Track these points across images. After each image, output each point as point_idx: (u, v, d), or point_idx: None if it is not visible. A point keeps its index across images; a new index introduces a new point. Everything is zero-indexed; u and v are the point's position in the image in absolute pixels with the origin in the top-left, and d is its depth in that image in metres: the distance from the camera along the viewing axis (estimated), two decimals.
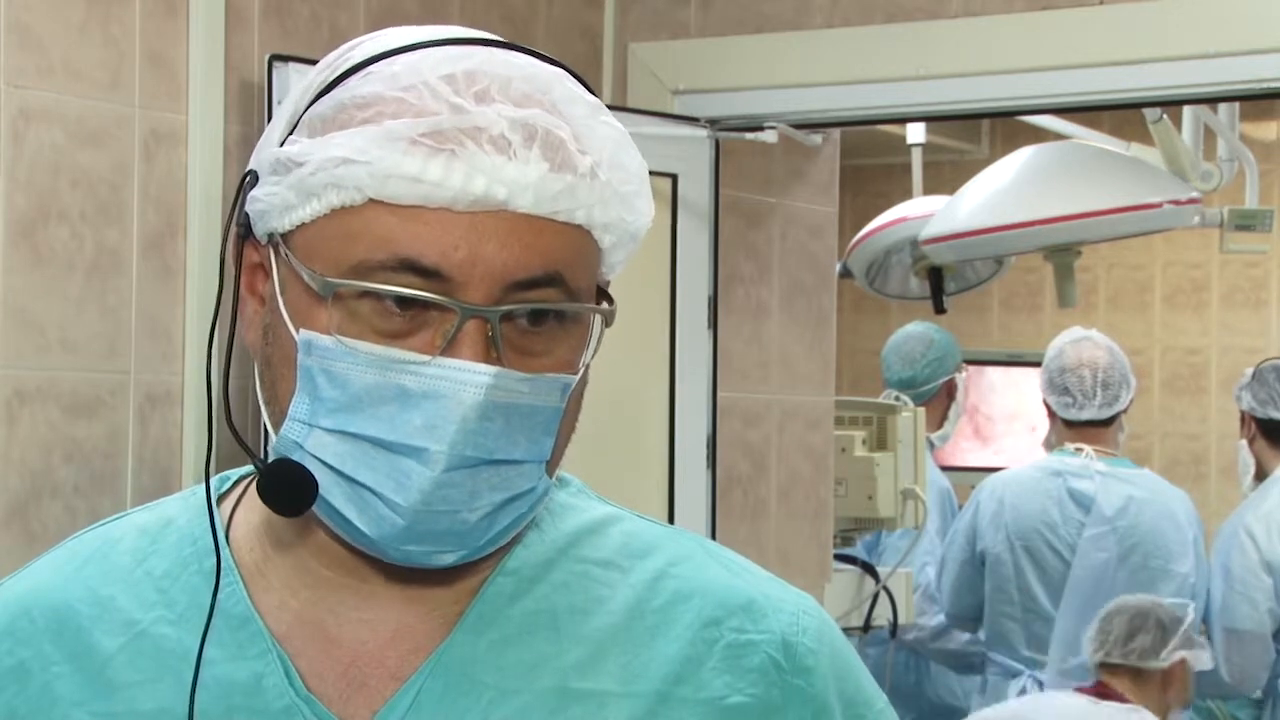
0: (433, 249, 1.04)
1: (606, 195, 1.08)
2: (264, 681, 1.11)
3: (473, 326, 1.04)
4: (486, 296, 1.04)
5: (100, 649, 1.13)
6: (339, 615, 1.12)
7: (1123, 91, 3.02)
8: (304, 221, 1.07)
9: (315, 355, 1.06)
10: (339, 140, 1.05)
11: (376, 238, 1.04)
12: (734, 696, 1.13)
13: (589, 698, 1.11)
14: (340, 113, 1.07)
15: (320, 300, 1.05)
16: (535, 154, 1.05)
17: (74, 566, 1.17)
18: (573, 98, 1.09)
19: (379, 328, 1.05)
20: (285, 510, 1.08)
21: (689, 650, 1.14)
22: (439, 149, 1.03)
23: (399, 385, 1.04)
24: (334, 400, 1.05)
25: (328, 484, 1.06)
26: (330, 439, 1.06)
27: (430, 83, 1.05)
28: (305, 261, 1.06)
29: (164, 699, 1.11)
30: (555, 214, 1.06)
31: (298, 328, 1.07)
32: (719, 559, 1.20)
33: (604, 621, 1.14)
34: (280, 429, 1.08)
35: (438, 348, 1.04)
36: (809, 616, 1.18)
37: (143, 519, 1.19)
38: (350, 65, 1.09)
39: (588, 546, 1.17)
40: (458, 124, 1.04)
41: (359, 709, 1.11)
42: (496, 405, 1.05)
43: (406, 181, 1.04)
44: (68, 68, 2.46)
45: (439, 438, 1.04)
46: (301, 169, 1.06)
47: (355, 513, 1.06)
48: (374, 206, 1.04)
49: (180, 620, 1.13)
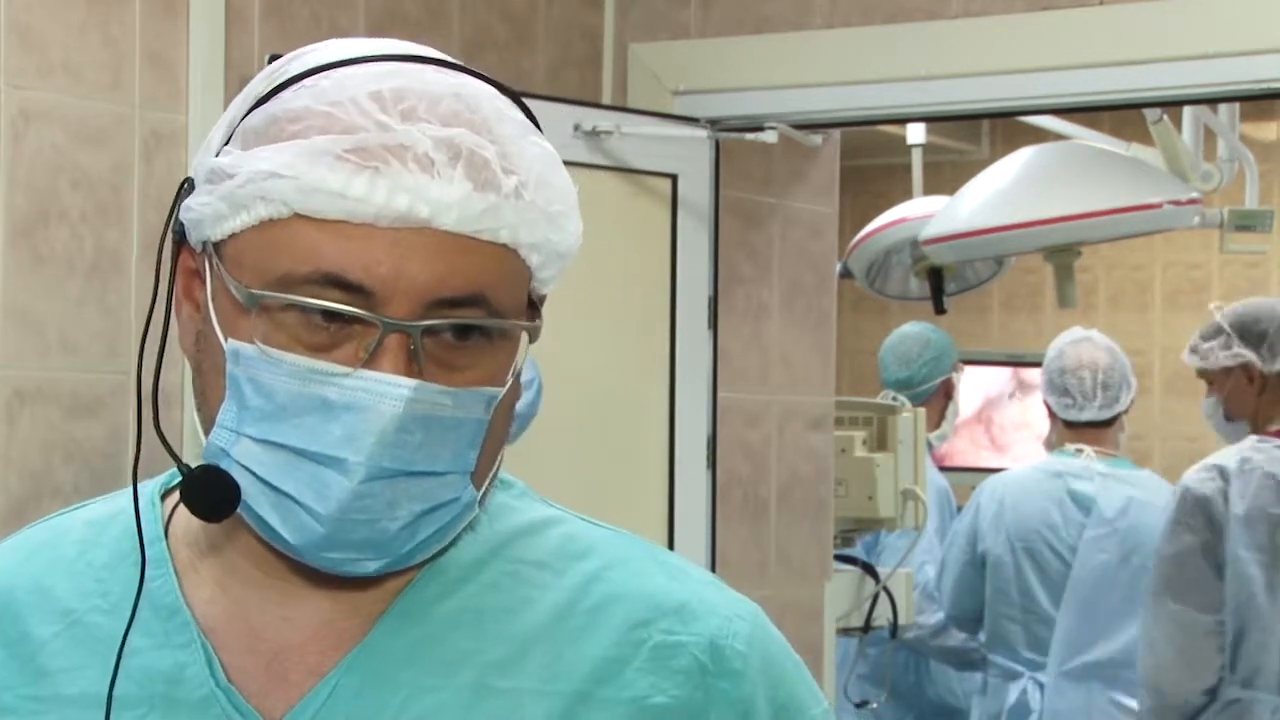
0: (356, 264, 1.05)
1: (532, 215, 1.09)
2: (186, 671, 1.13)
3: (394, 340, 1.06)
4: (409, 312, 1.06)
5: (34, 636, 1.16)
6: (265, 612, 1.14)
7: (1123, 92, 3.02)
8: (234, 232, 1.09)
9: (242, 364, 1.08)
10: (266, 154, 1.07)
11: (301, 251, 1.06)
12: (657, 697, 1.14)
13: (506, 695, 1.12)
14: (271, 125, 1.09)
15: (246, 310, 1.07)
16: (459, 173, 1.06)
17: (22, 555, 1.20)
18: (501, 116, 1.10)
19: (303, 339, 1.07)
20: (207, 516, 1.10)
21: (614, 651, 1.14)
22: (363, 166, 1.05)
23: (321, 396, 1.06)
24: (259, 409, 1.07)
25: (253, 491, 1.08)
26: (255, 447, 1.08)
27: (357, 99, 1.07)
28: (233, 271, 1.08)
29: (88, 684, 1.13)
30: (479, 233, 1.07)
31: (226, 336, 1.09)
32: (661, 564, 1.20)
33: (530, 621, 1.15)
34: (209, 435, 1.10)
35: (360, 360, 1.06)
36: (742, 621, 1.18)
37: (92, 511, 1.23)
38: (286, 78, 1.10)
39: (523, 547, 1.18)
40: (383, 141, 1.05)
41: (276, 702, 1.13)
42: (416, 417, 1.06)
43: (330, 197, 1.05)
44: (68, 68, 2.46)
45: (357, 449, 1.06)
46: (232, 180, 1.08)
47: (279, 520, 1.08)
48: (299, 220, 1.06)
49: (113, 610, 1.15)
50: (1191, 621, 3.56)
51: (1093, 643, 4.27)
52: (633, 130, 3.03)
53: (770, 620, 1.22)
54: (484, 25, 3.04)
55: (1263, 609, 3.50)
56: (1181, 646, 3.57)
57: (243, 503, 1.09)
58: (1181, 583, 3.57)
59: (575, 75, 3.21)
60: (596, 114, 3.03)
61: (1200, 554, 3.56)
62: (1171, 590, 3.58)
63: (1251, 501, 3.54)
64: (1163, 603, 3.60)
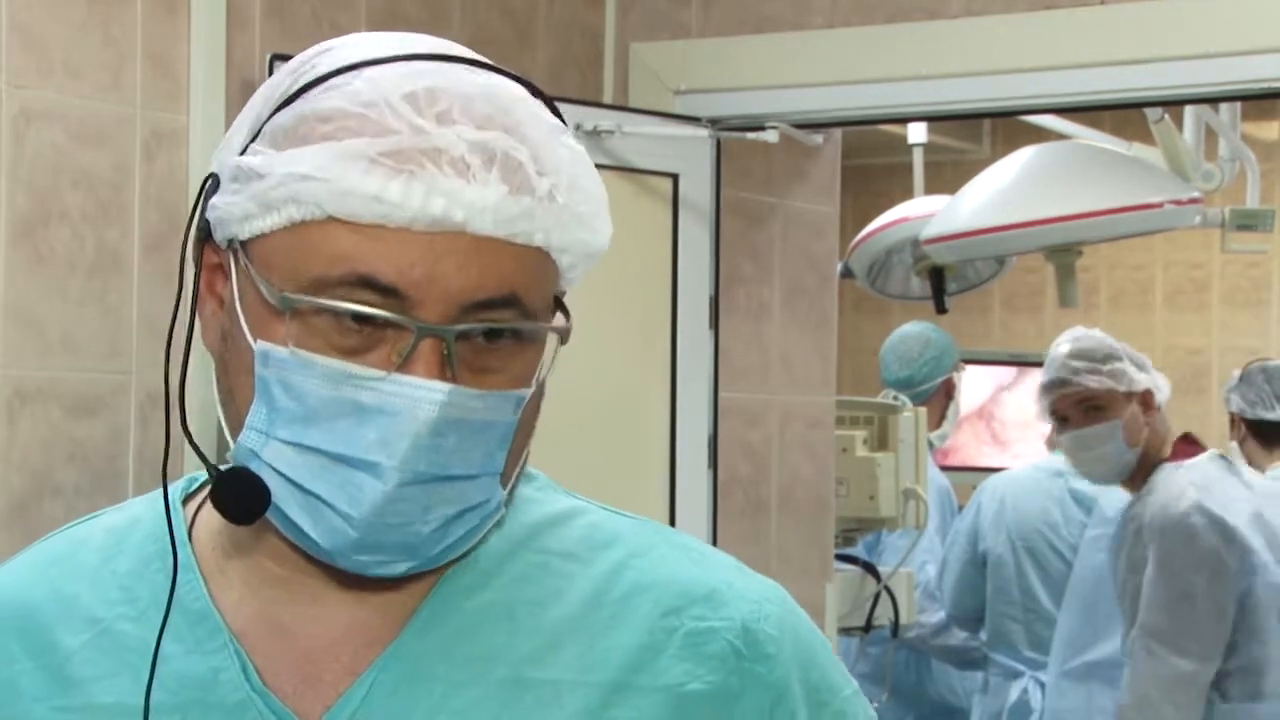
0: (390, 267, 1.05)
1: (564, 217, 1.09)
2: (220, 676, 1.12)
3: (428, 345, 1.05)
4: (442, 315, 1.05)
5: (62, 646, 1.15)
6: (295, 613, 1.14)
7: (1124, 91, 3.02)
8: (263, 232, 1.08)
9: (272, 366, 1.07)
10: (299, 156, 1.06)
11: (335, 254, 1.05)
12: (692, 683, 1.14)
13: (543, 687, 1.12)
14: (301, 125, 1.07)
15: (278, 313, 1.06)
16: (494, 176, 1.06)
17: (43, 566, 1.19)
18: (534, 119, 1.10)
19: (336, 343, 1.06)
20: (237, 518, 1.09)
21: (647, 639, 1.14)
22: (399, 169, 1.04)
23: (354, 400, 1.05)
24: (290, 412, 1.07)
25: (283, 493, 1.08)
26: (287, 450, 1.07)
27: (391, 101, 1.06)
28: (263, 272, 1.07)
29: (122, 693, 1.12)
30: (513, 236, 1.07)
31: (255, 337, 1.08)
32: (685, 550, 1.20)
33: (561, 612, 1.14)
34: (238, 435, 1.09)
35: (393, 364, 1.05)
36: (771, 604, 1.19)
37: (111, 519, 1.21)
38: (314, 76, 1.09)
39: (548, 539, 1.18)
40: (418, 145, 1.05)
41: (313, 704, 1.12)
42: (449, 421, 1.06)
43: (365, 200, 1.04)
44: (68, 68, 2.46)
45: (392, 453, 1.05)
46: (262, 181, 1.07)
47: (309, 523, 1.08)
48: (333, 223, 1.05)
49: (141, 617, 1.15)
50: (1191, 676, 3.54)
51: (1094, 642, 4.26)
52: (634, 130, 3.02)
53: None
54: (485, 24, 3.04)
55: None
56: (1180, 703, 3.55)
57: (272, 505, 1.08)
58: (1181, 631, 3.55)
59: (576, 75, 3.21)
60: (597, 113, 3.04)
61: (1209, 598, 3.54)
62: (1170, 640, 3.54)
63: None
64: (1162, 658, 3.54)
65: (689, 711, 1.13)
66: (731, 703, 1.14)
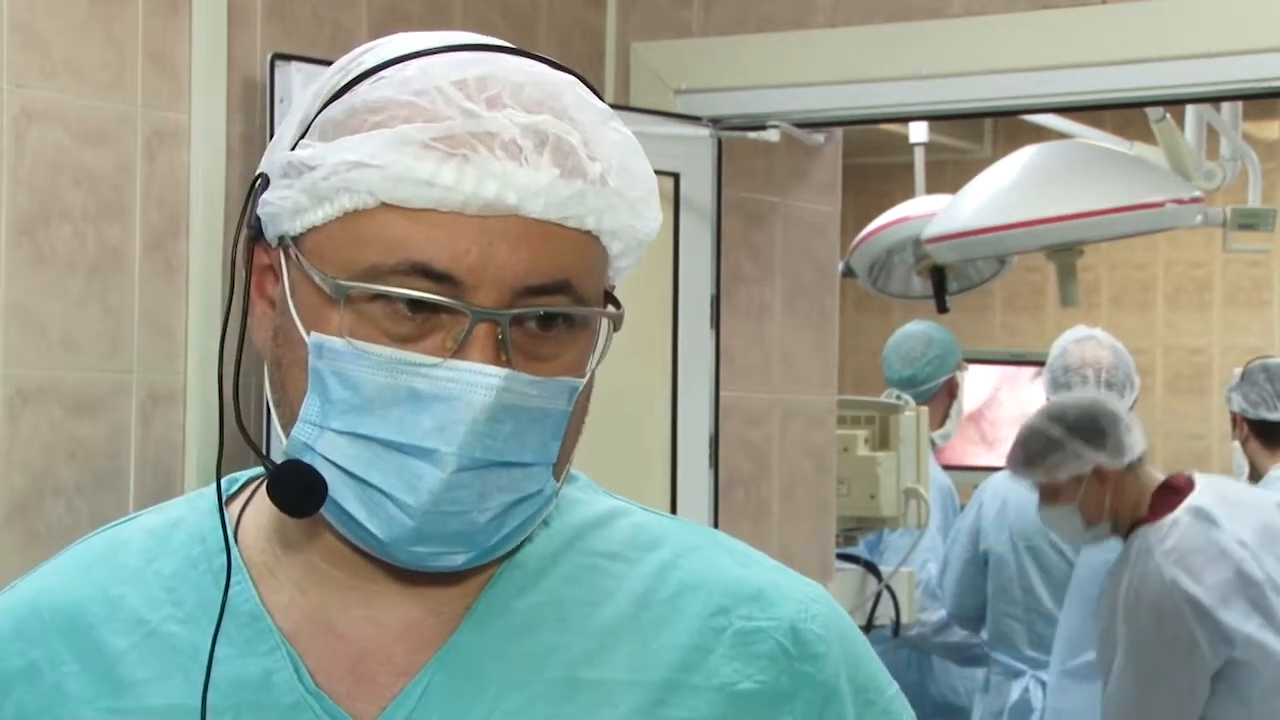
0: (444, 253, 1.05)
1: (615, 201, 1.09)
2: (273, 678, 1.12)
3: (483, 330, 1.05)
4: (497, 300, 1.05)
5: (110, 647, 1.14)
6: (347, 613, 1.13)
7: (1125, 90, 3.02)
8: (315, 224, 1.08)
9: (326, 357, 1.07)
10: (351, 144, 1.06)
11: (388, 241, 1.05)
12: (744, 683, 1.14)
13: (597, 687, 1.12)
14: (352, 117, 1.08)
15: (331, 302, 1.06)
16: (546, 160, 1.06)
17: (83, 568, 1.18)
18: (583, 104, 1.10)
19: (390, 330, 1.06)
20: (294, 511, 1.09)
21: (697, 639, 1.14)
22: (451, 154, 1.05)
23: (410, 387, 1.05)
24: (345, 402, 1.06)
25: (338, 485, 1.07)
26: (341, 440, 1.07)
27: (442, 87, 1.06)
28: (317, 264, 1.07)
29: (173, 695, 1.12)
30: (565, 220, 1.07)
31: (308, 330, 1.08)
32: (728, 550, 1.21)
33: (611, 613, 1.14)
34: (291, 430, 1.09)
35: (448, 350, 1.05)
36: (818, 604, 1.19)
37: (151, 521, 1.21)
38: (362, 70, 1.10)
39: (595, 539, 1.18)
40: (470, 129, 1.05)
41: (367, 705, 1.12)
42: (505, 407, 1.05)
43: (418, 185, 1.05)
44: (70, 67, 2.46)
45: (449, 439, 1.05)
46: (314, 173, 1.07)
47: (365, 514, 1.07)
48: (386, 210, 1.05)
49: (189, 619, 1.14)
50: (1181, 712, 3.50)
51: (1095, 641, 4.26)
52: (634, 129, 3.00)
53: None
54: (486, 23, 3.04)
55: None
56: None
57: (328, 499, 1.07)
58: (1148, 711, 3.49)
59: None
60: None
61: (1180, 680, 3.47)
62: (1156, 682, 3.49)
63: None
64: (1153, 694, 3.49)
65: (742, 710, 1.13)
66: (783, 702, 1.14)
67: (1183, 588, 3.45)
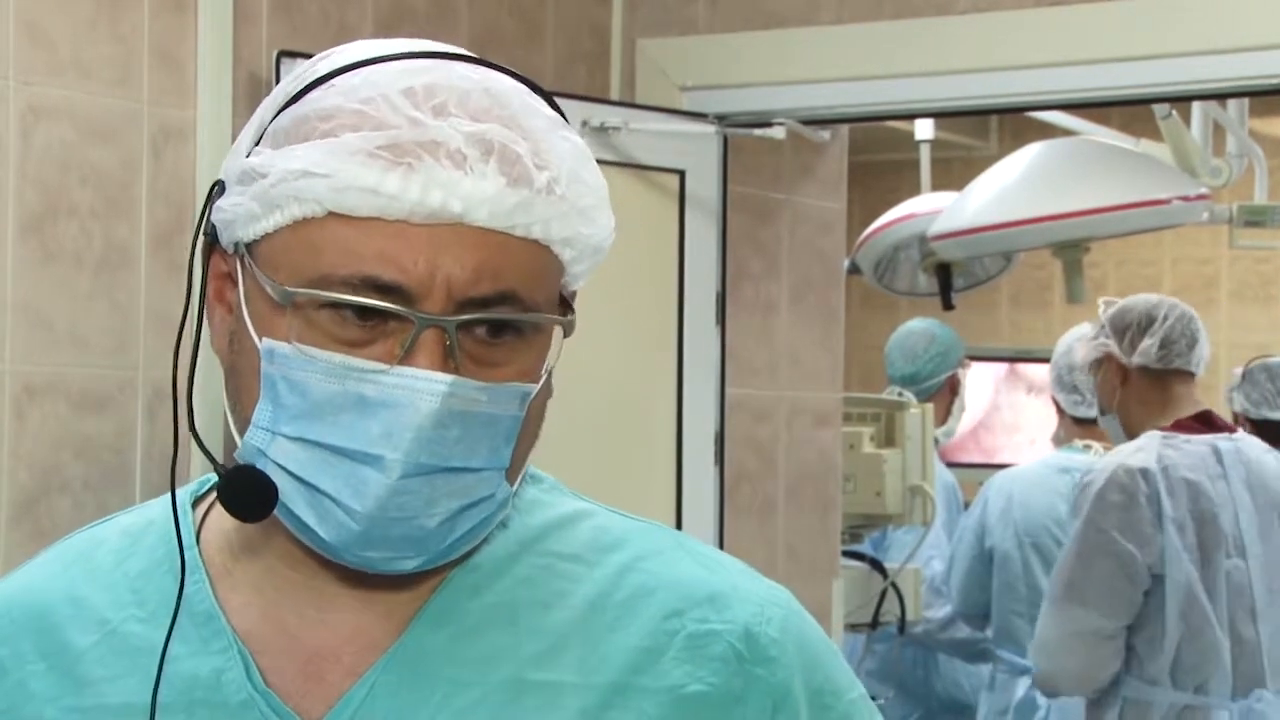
0: (391, 264, 1.05)
1: (564, 209, 1.09)
2: (224, 676, 1.13)
3: (430, 336, 1.06)
4: (444, 308, 1.06)
5: (73, 646, 1.16)
6: (301, 615, 1.14)
7: (1131, 87, 3.02)
8: (267, 232, 1.08)
9: (277, 363, 1.08)
10: (299, 152, 1.06)
11: (337, 250, 1.06)
12: (693, 685, 1.14)
13: (544, 689, 1.12)
14: (302, 125, 1.08)
15: (280, 309, 1.07)
16: (492, 168, 1.06)
17: (59, 567, 1.20)
18: (532, 111, 1.10)
19: (339, 336, 1.07)
20: (244, 516, 1.10)
21: (649, 641, 1.15)
22: (396, 162, 1.05)
23: (358, 394, 1.06)
24: (295, 407, 1.07)
25: (289, 490, 1.08)
26: (292, 446, 1.08)
27: (389, 96, 1.07)
28: (268, 271, 1.08)
29: (130, 693, 1.13)
30: (512, 228, 1.07)
31: (260, 336, 1.08)
32: (693, 554, 1.21)
33: (564, 615, 1.15)
34: (244, 435, 1.10)
35: (396, 357, 1.06)
36: (776, 607, 1.19)
37: (127, 521, 1.22)
38: (315, 78, 1.10)
39: (554, 541, 1.18)
40: (415, 137, 1.05)
41: (315, 704, 1.13)
42: (453, 413, 1.06)
43: (364, 193, 1.05)
44: (77, 64, 2.46)
45: (395, 445, 1.05)
46: (264, 180, 1.07)
47: (315, 519, 1.08)
48: (334, 219, 1.06)
49: (150, 618, 1.15)
50: (1095, 628, 3.47)
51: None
52: (641, 126, 3.02)
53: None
54: (492, 21, 3.04)
55: (1208, 612, 3.44)
56: (1082, 657, 3.49)
57: (279, 503, 1.08)
58: (1088, 585, 3.47)
59: (583, 71, 3.22)
60: (604, 110, 3.04)
61: (1115, 557, 3.45)
62: (1075, 594, 3.47)
63: (1181, 504, 3.45)
64: (1064, 607, 3.48)
65: (690, 713, 1.13)
66: (733, 705, 1.14)
67: (1132, 465, 3.44)
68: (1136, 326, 3.63)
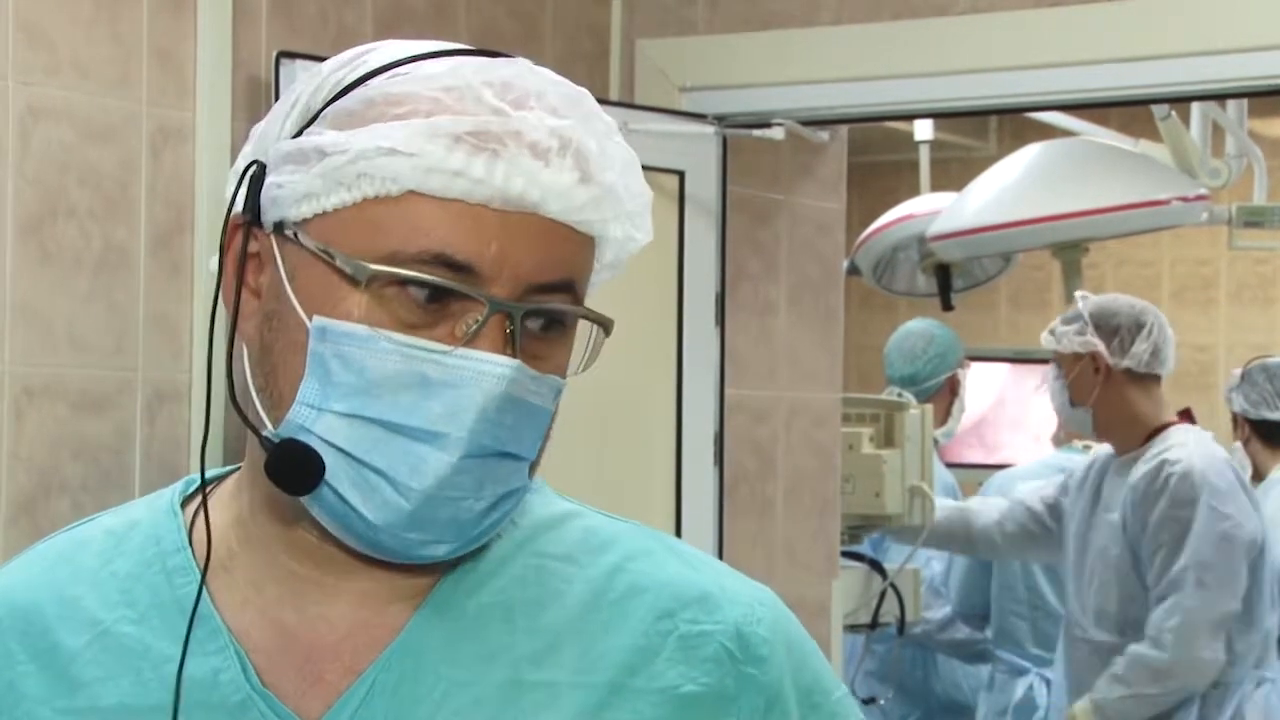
0: (467, 244, 1.07)
1: (619, 212, 1.13)
2: (220, 676, 1.13)
3: (495, 322, 1.07)
4: (511, 293, 1.08)
5: (64, 647, 1.16)
6: (300, 611, 1.14)
7: (1130, 88, 3.01)
8: (323, 211, 1.09)
9: (329, 341, 1.08)
10: (382, 131, 1.07)
11: (411, 229, 1.07)
12: (687, 686, 1.15)
13: (542, 688, 1.13)
14: (369, 109, 1.09)
15: (349, 286, 1.07)
16: (569, 163, 1.09)
17: (43, 568, 1.20)
18: (596, 116, 1.14)
19: (401, 316, 1.07)
20: (293, 489, 1.09)
21: (643, 641, 1.16)
22: (482, 148, 1.07)
23: (421, 373, 1.07)
24: (348, 385, 1.07)
25: (335, 467, 1.08)
26: (341, 423, 1.08)
27: (473, 85, 1.09)
28: (330, 248, 1.08)
29: (124, 695, 1.13)
30: (578, 223, 1.10)
31: (310, 314, 1.08)
32: (678, 554, 1.22)
33: (559, 614, 1.16)
34: (279, 416, 1.09)
35: (458, 339, 1.07)
36: (764, 607, 1.20)
37: (110, 522, 1.22)
38: (374, 66, 1.12)
39: (546, 541, 1.19)
40: (501, 126, 1.08)
41: (314, 702, 1.13)
42: (512, 399, 1.08)
43: (449, 176, 1.07)
44: (76, 65, 2.46)
45: (459, 424, 1.07)
46: (333, 158, 1.08)
47: (360, 498, 1.08)
48: (410, 198, 1.07)
49: (141, 619, 1.15)
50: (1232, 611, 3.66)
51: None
52: (640, 126, 3.02)
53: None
54: (491, 21, 3.04)
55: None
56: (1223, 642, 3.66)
57: (323, 480, 1.08)
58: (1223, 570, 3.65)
59: (582, 71, 3.21)
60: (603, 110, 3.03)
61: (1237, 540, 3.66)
62: (1213, 578, 3.65)
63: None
64: (1204, 594, 3.62)
65: (685, 713, 1.14)
66: (727, 704, 1.16)
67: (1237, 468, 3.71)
68: (1127, 331, 3.76)
